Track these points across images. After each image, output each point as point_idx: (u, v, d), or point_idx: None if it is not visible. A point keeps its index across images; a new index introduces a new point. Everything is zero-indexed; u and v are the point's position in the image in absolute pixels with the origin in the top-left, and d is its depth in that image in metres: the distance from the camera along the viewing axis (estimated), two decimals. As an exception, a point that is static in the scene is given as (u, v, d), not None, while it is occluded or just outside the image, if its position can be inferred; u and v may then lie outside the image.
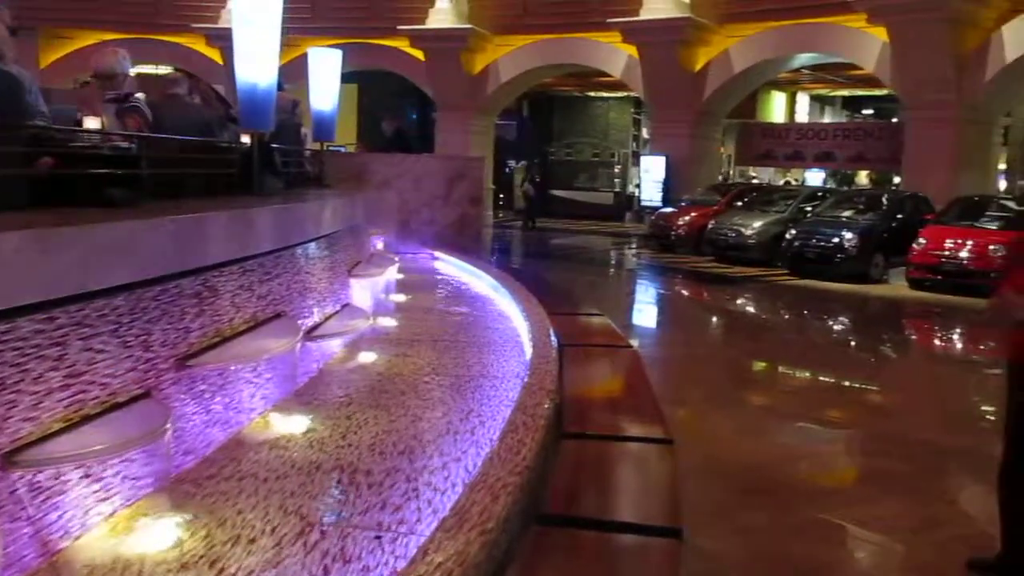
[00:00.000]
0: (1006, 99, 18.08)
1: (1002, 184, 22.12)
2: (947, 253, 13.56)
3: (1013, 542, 3.65)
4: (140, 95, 6.77)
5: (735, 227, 17.21)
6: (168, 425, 2.76)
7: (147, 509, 2.72)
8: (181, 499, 2.82)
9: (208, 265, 3.49)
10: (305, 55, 8.62)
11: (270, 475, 3.07)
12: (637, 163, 27.06)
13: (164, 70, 24.37)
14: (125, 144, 4.24)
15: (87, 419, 2.57)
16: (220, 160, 5.27)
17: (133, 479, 2.76)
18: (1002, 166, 21.77)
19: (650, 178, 22.76)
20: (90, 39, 23.12)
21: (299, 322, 4.22)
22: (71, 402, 2.54)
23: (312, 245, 4.95)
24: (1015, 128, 22.44)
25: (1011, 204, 15.08)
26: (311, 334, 4.40)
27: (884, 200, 16.91)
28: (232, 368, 3.51)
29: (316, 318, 4.64)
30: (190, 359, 3.20)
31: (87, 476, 2.55)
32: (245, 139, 5.63)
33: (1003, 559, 3.67)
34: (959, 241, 13.51)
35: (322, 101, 8.16)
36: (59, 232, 2.57)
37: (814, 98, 32.24)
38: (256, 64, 5.01)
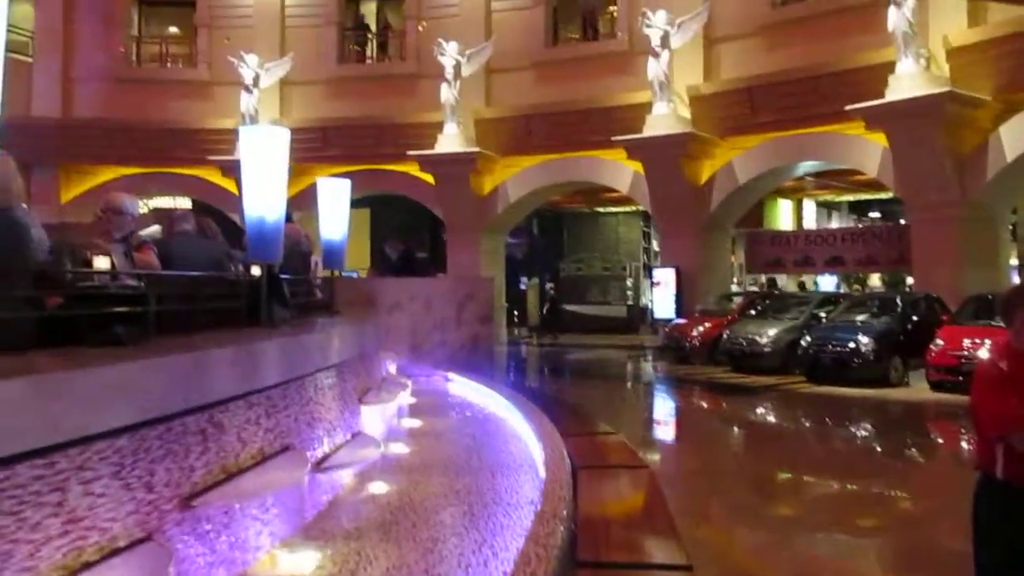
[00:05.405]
0: (1010, 196, 18.20)
1: (1016, 279, 22.05)
2: (966, 353, 13.38)
3: None
4: (154, 227, 6.88)
5: (749, 335, 17.13)
6: (170, 569, 2.69)
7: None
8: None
9: (213, 401, 3.47)
10: (315, 184, 8.77)
11: (276, 618, 2.97)
12: (649, 275, 27.22)
13: (182, 201, 25.02)
14: (133, 282, 4.29)
15: (86, 566, 2.51)
16: (228, 293, 5.31)
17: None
18: (1014, 261, 21.75)
19: (662, 290, 22.79)
20: (109, 174, 23.82)
21: (308, 454, 4.16)
22: (70, 549, 2.48)
23: (321, 374, 4.93)
24: (1023, 224, 22.53)
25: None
26: (320, 466, 4.34)
27: (897, 302, 16.86)
28: (238, 505, 3.45)
29: (325, 449, 4.58)
30: (194, 498, 3.14)
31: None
32: (254, 270, 5.69)
33: None
34: (977, 340, 13.31)
35: (331, 230, 8.25)
36: (58, 377, 2.56)
37: (820, 204, 32.57)
38: (264, 197, 5.11)
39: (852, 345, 15.09)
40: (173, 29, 27.33)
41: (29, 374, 2.46)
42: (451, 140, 22.69)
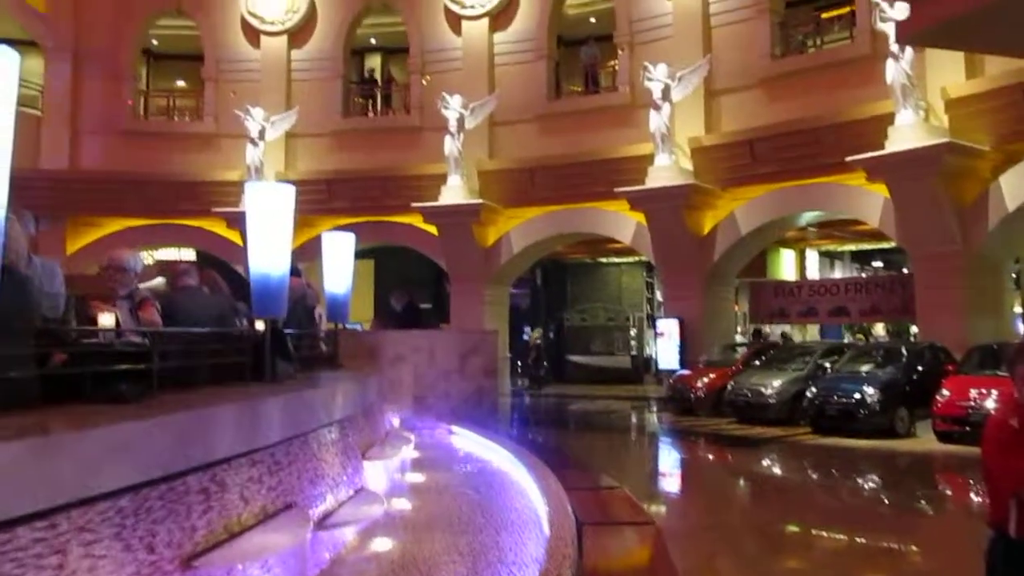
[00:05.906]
0: (1012, 246, 18.22)
1: (1021, 328, 22.01)
2: (973, 403, 13.30)
3: None
4: (158, 280, 6.89)
5: (754, 387, 17.05)
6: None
7: None
8: None
9: (216, 460, 3.45)
10: (320, 236, 8.79)
11: None
12: (652, 326, 27.20)
13: (187, 253, 25.14)
14: (137, 339, 4.29)
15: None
16: (232, 348, 5.31)
17: None
18: (1018, 310, 21.69)
19: (665, 340, 22.73)
20: (115, 226, 23.96)
21: (310, 511, 4.13)
22: (69, 614, 2.46)
23: (324, 430, 4.91)
24: (1027, 272, 22.57)
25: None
26: (322, 523, 4.30)
27: (902, 352, 16.81)
28: (240, 566, 3.41)
29: (328, 506, 4.54)
30: (196, 559, 3.11)
31: None
32: (258, 325, 5.68)
33: None
34: (983, 391, 13.25)
35: (336, 283, 8.26)
36: (61, 437, 2.55)
37: (823, 254, 32.64)
38: (269, 254, 5.13)
39: (857, 396, 15.01)
40: (180, 83, 27.76)
41: (31, 435, 2.45)
42: (455, 192, 22.84)
